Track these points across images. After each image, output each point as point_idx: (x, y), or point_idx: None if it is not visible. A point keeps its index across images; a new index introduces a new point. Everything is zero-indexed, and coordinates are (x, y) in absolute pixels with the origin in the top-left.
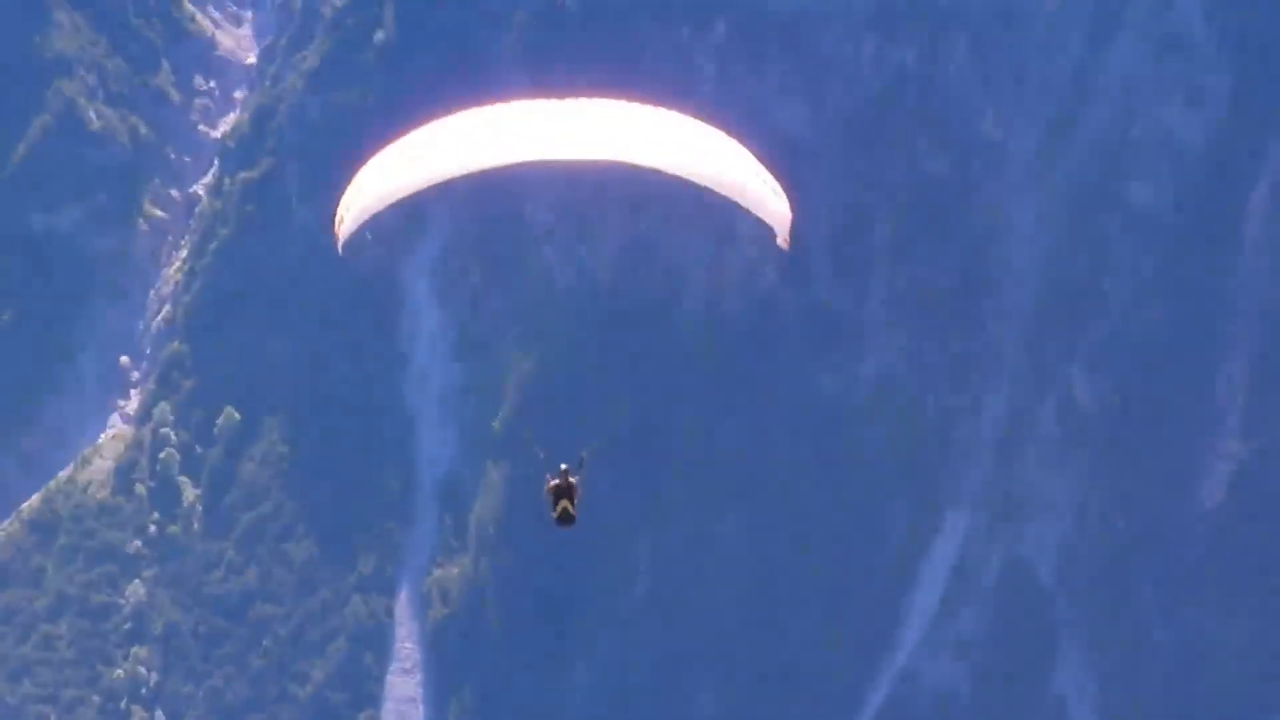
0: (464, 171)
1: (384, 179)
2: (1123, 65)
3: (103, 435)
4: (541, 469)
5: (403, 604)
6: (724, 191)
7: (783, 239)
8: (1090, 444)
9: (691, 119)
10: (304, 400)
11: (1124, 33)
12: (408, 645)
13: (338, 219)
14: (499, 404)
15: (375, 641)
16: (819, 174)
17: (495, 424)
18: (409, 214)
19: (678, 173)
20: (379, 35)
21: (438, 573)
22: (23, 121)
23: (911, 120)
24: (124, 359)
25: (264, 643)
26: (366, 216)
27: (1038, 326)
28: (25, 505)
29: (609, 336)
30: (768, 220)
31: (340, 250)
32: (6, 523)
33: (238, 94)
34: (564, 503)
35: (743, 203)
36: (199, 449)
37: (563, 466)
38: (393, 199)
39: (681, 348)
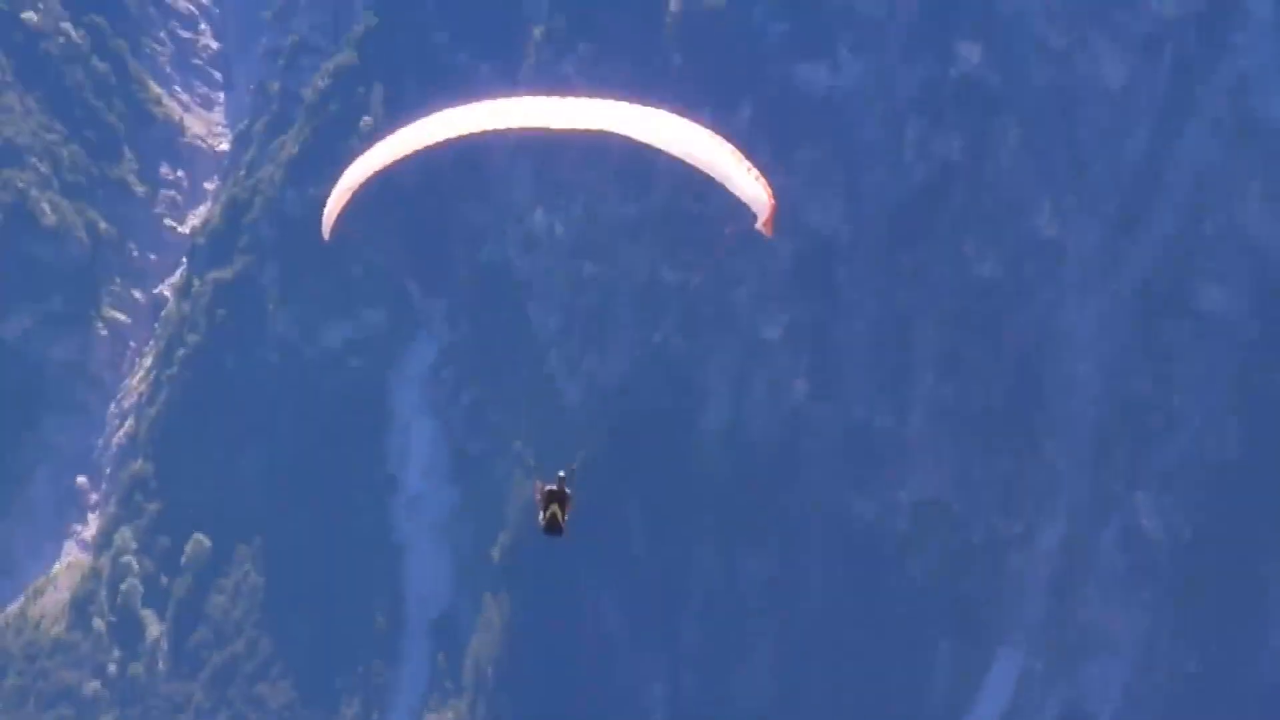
0: (442, 138)
1: (365, 159)
2: (1194, 155)
3: (57, 564)
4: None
5: None
6: (702, 167)
7: (763, 223)
8: (1157, 577)
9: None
10: (281, 526)
11: (1196, 118)
12: None
13: (325, 214)
14: (498, 530)
15: None
16: (856, 275)
17: (494, 552)
18: (398, 319)
19: (655, 144)
20: (365, 121)
21: (430, 718)
22: None
23: (958, 216)
24: (81, 479)
25: None
26: (348, 195)
27: (1099, 446)
28: None
29: (621, 455)
30: (746, 202)
31: (326, 238)
32: None
33: (209, 184)
34: (554, 507)
35: (719, 179)
36: (164, 579)
37: (560, 474)
38: (373, 170)
39: (701, 468)
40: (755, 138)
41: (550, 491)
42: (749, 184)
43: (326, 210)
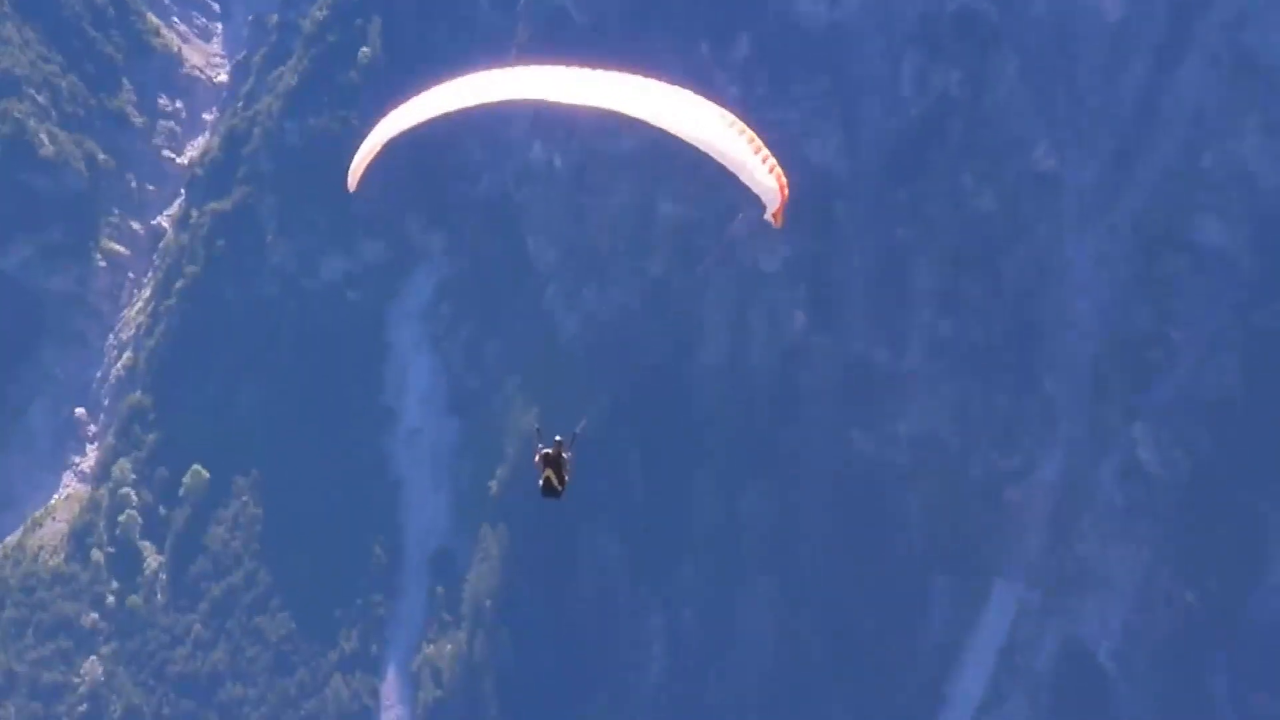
0: (473, 104)
1: (396, 115)
2: (1192, 89)
3: (55, 496)
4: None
5: (389, 685)
6: (715, 155)
7: (772, 214)
8: (1156, 512)
9: (696, 94)
10: (280, 458)
11: (1194, 53)
12: None
13: (353, 165)
14: (496, 464)
15: None
16: (853, 210)
17: (492, 486)
18: (396, 252)
19: (673, 129)
20: (364, 52)
21: (428, 650)
22: None
23: (956, 150)
24: (79, 411)
25: None
26: (378, 149)
27: (1097, 381)
28: None
29: (619, 389)
30: (756, 191)
31: (352, 188)
32: None
33: (207, 116)
34: (548, 472)
35: (733, 168)
36: (163, 511)
37: (556, 438)
38: (405, 128)
39: (699, 402)
40: (753, 72)
41: (546, 455)
42: (763, 174)
43: (355, 162)
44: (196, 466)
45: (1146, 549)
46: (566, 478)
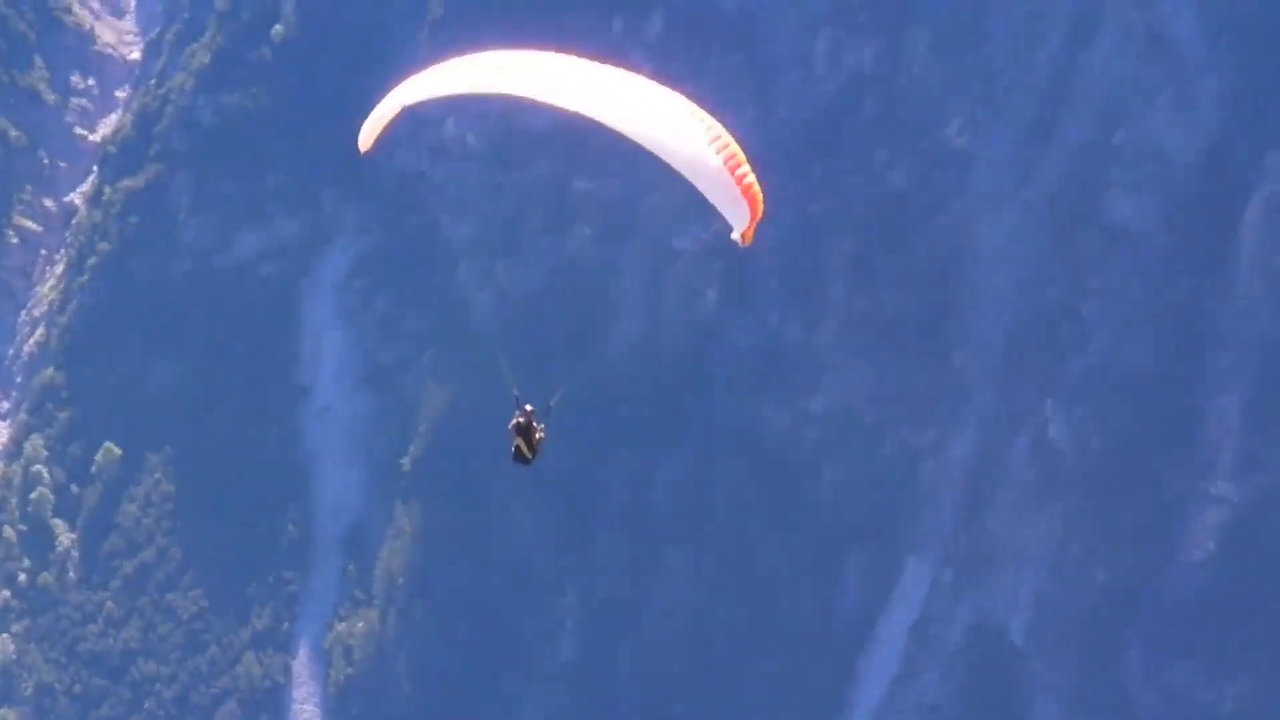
0: (487, 91)
1: (427, 83)
2: (1105, 66)
3: None
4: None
5: (301, 662)
6: (687, 174)
7: (740, 234)
8: (1067, 488)
9: (680, 97)
10: (192, 435)
11: (1106, 30)
12: (307, 708)
13: (369, 125)
14: (409, 439)
15: (270, 704)
16: (767, 187)
17: (404, 461)
18: (310, 228)
19: (653, 145)
20: (277, 29)
21: (340, 627)
22: None
23: (870, 127)
24: None
25: (146, 705)
26: (397, 112)
27: (1009, 358)
28: None
29: (533, 365)
30: (723, 211)
31: (364, 149)
32: None
33: (119, 93)
34: (518, 440)
35: (703, 190)
36: (75, 489)
37: (527, 407)
38: (429, 97)
39: (613, 378)
40: (667, 48)
41: (516, 424)
42: (734, 198)
43: (370, 124)
44: (109, 444)
45: (1059, 525)
46: (537, 446)
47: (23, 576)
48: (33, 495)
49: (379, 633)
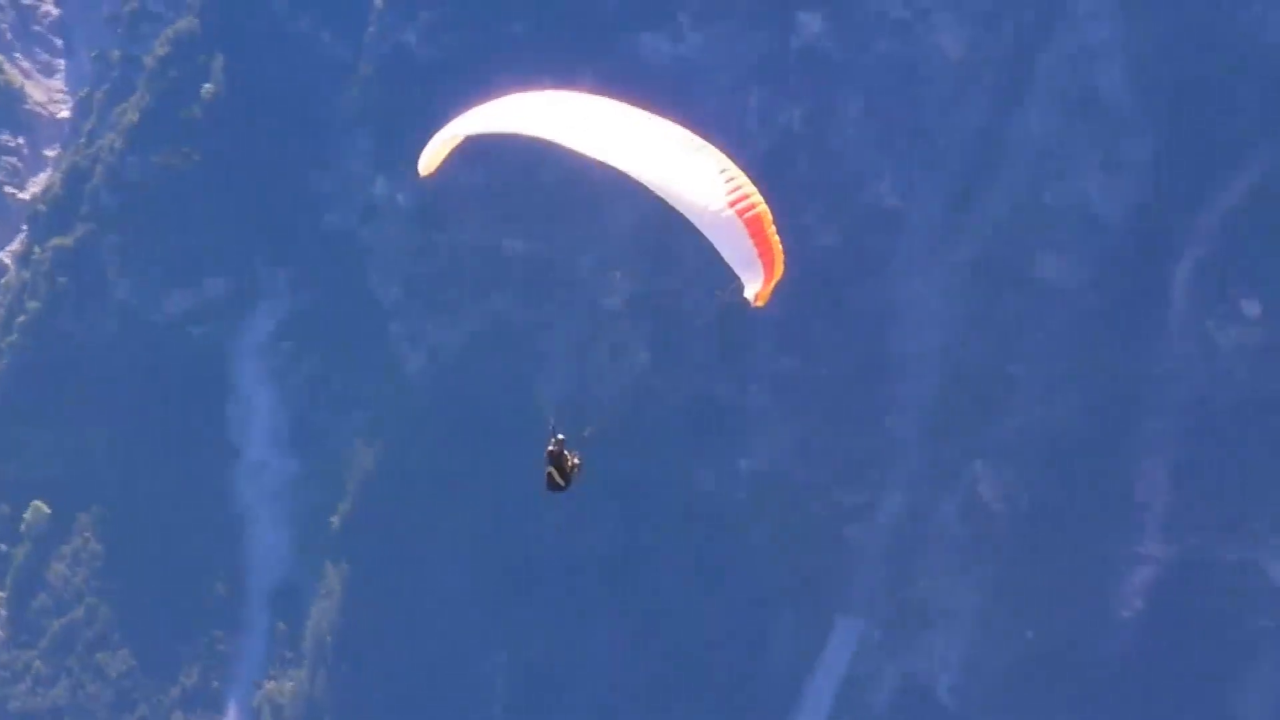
0: (535, 135)
1: (482, 114)
2: (1034, 127)
3: None
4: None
5: None
6: (711, 236)
7: (753, 295)
8: (996, 547)
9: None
10: (121, 494)
11: (1035, 91)
12: None
13: (431, 151)
14: (338, 499)
15: None
16: (698, 244)
17: (334, 521)
18: (240, 288)
19: (672, 200)
20: (207, 88)
21: (269, 686)
22: None
23: (799, 186)
24: None
25: None
26: (460, 140)
27: (939, 418)
28: None
29: (462, 425)
30: (736, 271)
31: (425, 173)
32: None
33: (49, 152)
34: (550, 469)
35: (725, 253)
36: (3, 547)
37: (559, 436)
38: (490, 131)
39: (542, 437)
40: None
41: (549, 453)
42: (749, 259)
43: (432, 149)
44: (37, 502)
45: (987, 585)
46: (571, 475)
47: None
48: None
49: (308, 692)
